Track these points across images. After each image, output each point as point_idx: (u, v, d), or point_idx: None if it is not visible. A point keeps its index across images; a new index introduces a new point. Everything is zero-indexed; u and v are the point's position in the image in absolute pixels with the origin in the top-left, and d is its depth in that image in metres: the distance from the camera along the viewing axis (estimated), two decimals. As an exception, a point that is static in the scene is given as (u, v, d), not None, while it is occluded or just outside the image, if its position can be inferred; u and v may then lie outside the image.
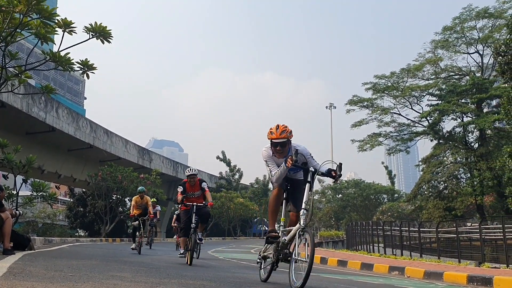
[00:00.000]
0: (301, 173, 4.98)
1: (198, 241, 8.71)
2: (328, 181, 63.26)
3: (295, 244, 4.49)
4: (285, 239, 4.70)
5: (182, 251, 8.65)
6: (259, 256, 5.27)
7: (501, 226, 14.16)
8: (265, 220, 67.66)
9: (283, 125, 4.79)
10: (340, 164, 4.66)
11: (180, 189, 8.87)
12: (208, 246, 26.60)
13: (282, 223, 4.93)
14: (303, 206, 4.54)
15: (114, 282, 3.78)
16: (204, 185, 9.18)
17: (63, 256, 8.39)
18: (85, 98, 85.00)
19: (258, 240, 50.24)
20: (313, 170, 4.75)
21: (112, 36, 9.96)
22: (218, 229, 52.75)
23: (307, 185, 4.65)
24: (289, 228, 4.81)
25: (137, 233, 12.77)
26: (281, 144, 4.75)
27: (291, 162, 4.53)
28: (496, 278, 8.32)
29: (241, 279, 5.55)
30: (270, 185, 67.59)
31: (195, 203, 8.66)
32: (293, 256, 4.49)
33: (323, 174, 4.76)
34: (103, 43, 9.85)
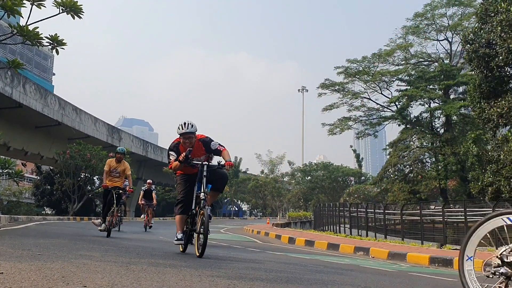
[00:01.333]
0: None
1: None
2: (298, 163, 64.06)
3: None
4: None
5: (179, 236, 5.96)
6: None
7: (463, 209, 14.70)
8: (235, 200, 68.12)
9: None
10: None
11: (172, 156, 6.02)
12: (178, 225, 26.60)
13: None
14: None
15: (83, 262, 3.80)
16: (214, 144, 6.08)
17: (30, 235, 8.29)
18: (54, 74, 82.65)
19: (228, 220, 50.58)
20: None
21: (83, 12, 9.72)
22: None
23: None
24: None
25: (110, 209, 9.97)
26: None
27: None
28: (456, 259, 8.69)
29: (213, 258, 5.64)
30: (242, 167, 67.99)
31: (205, 162, 5.97)
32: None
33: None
34: (73, 18, 9.60)
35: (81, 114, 32.72)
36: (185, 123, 5.85)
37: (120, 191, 10.21)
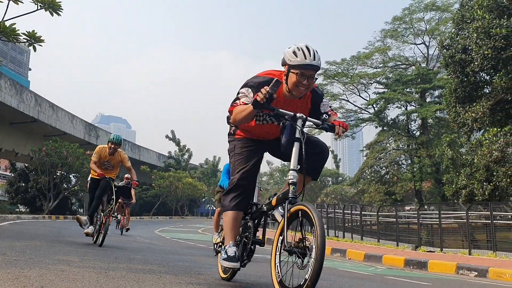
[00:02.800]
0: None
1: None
2: (277, 163, 64.20)
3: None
4: None
5: (231, 250, 3.46)
6: None
7: (437, 212, 14.99)
8: (213, 199, 67.89)
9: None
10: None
11: (243, 95, 2.45)
12: (155, 225, 26.49)
13: None
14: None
15: (61, 268, 3.76)
16: (326, 104, 3.78)
17: (5, 236, 8.15)
18: (30, 69, 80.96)
19: (206, 219, 50.45)
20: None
21: (62, 9, 9.58)
22: (165, 208, 52.47)
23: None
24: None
25: (106, 206, 7.68)
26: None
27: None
28: (430, 262, 8.89)
29: (190, 262, 5.64)
30: (220, 166, 67.08)
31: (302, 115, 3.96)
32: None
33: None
34: (52, 15, 9.46)
35: (58, 111, 32.19)
36: (308, 49, 3.14)
37: (123, 184, 7.92)
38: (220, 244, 3.92)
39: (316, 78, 3.26)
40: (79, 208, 43.69)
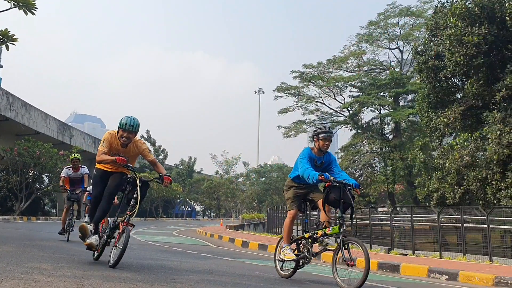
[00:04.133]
0: None
1: None
2: (253, 164, 64.38)
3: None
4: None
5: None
6: None
7: (409, 215, 15.29)
8: (188, 201, 67.59)
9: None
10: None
11: None
12: (129, 227, 26.11)
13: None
14: None
15: (35, 278, 3.70)
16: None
17: (-26, 241, 7.95)
18: (1, 66, 79.04)
19: (180, 221, 50.12)
20: None
21: (36, 7, 9.43)
22: (140, 209, 51.69)
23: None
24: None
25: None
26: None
27: None
28: (403, 265, 9.06)
29: (166, 268, 5.62)
30: (196, 167, 67.10)
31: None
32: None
33: None
34: (26, 14, 9.30)
35: (31, 110, 31.54)
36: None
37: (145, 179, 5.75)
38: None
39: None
40: (52, 208, 42.83)
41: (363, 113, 34.26)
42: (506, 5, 15.20)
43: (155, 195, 50.41)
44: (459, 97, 18.63)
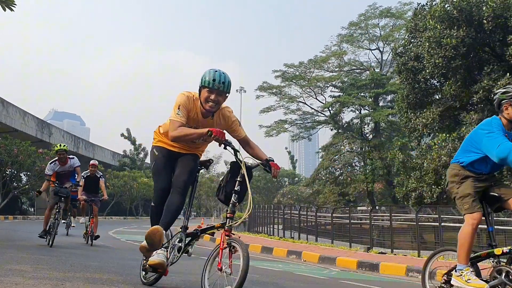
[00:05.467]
0: None
1: None
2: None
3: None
4: None
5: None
6: None
7: (388, 214, 15.50)
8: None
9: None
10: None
11: None
12: (109, 226, 25.91)
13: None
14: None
15: (15, 280, 3.67)
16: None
17: (-50, 242, 7.80)
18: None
19: (161, 219, 49.77)
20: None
21: (15, 4, 9.28)
22: (119, 208, 51.41)
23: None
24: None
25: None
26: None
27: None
28: (382, 264, 9.20)
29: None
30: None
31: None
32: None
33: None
34: (4, 10, 9.15)
35: (9, 107, 30.95)
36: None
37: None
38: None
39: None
40: (30, 207, 42.13)
41: (343, 113, 34.64)
42: (484, 8, 15.50)
43: (135, 194, 49.99)
44: (437, 98, 18.92)
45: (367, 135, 34.60)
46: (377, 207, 23.99)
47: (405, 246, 15.36)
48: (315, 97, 36.08)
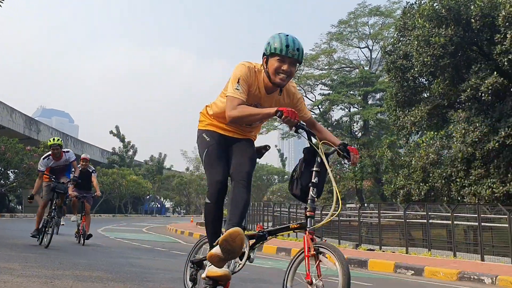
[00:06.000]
0: None
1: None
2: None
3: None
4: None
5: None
6: None
7: (377, 211, 15.62)
8: (158, 197, 66.91)
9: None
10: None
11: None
12: (98, 223, 25.79)
13: None
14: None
15: (3, 278, 3.65)
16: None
17: None
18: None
19: (150, 217, 49.66)
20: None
21: (2, 0, 9.21)
22: (108, 205, 51.15)
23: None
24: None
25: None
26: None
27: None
28: (370, 261, 9.29)
29: (138, 267, 5.60)
30: (166, 163, 66.36)
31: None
32: None
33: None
34: (-9, 7, 9.07)
35: (-5, 104, 30.65)
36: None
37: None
38: None
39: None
40: (17, 205, 41.70)
41: (333, 111, 34.70)
42: (472, 7, 15.63)
43: (124, 191, 49.77)
44: (425, 96, 19.07)
45: (356, 133, 34.75)
46: (365, 205, 24.11)
47: (394, 243, 15.49)
48: (305, 95, 36.15)
